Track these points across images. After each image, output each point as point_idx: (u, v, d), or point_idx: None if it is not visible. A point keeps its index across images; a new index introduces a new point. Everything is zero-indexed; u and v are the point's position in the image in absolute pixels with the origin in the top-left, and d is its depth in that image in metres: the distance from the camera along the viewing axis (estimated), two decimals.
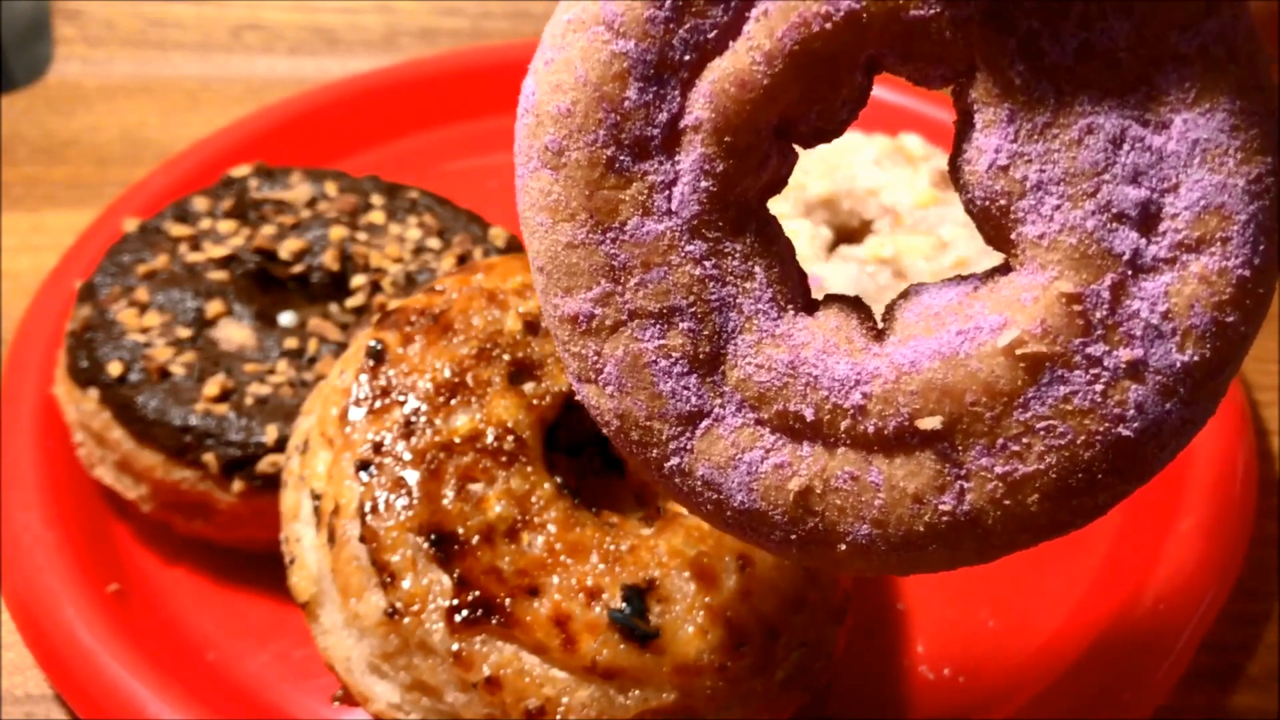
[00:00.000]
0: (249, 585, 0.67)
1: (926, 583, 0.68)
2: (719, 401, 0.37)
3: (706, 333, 0.36)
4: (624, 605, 0.50)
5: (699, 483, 0.37)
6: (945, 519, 0.36)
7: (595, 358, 0.37)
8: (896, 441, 0.36)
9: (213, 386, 0.64)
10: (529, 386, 0.54)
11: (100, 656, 0.60)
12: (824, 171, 0.75)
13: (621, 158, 0.35)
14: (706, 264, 0.36)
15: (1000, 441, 0.35)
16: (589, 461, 0.57)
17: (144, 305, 0.69)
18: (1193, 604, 0.63)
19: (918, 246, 0.71)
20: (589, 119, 0.35)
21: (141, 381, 0.65)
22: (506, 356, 0.55)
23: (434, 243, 0.73)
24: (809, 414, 0.36)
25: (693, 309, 0.36)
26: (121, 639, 0.61)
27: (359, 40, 1.12)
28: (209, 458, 0.63)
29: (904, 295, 0.38)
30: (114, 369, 0.65)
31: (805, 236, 0.71)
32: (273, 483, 0.62)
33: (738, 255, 0.37)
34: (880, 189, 0.73)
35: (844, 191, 0.74)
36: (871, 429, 0.36)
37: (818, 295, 0.39)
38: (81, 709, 0.60)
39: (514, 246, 0.75)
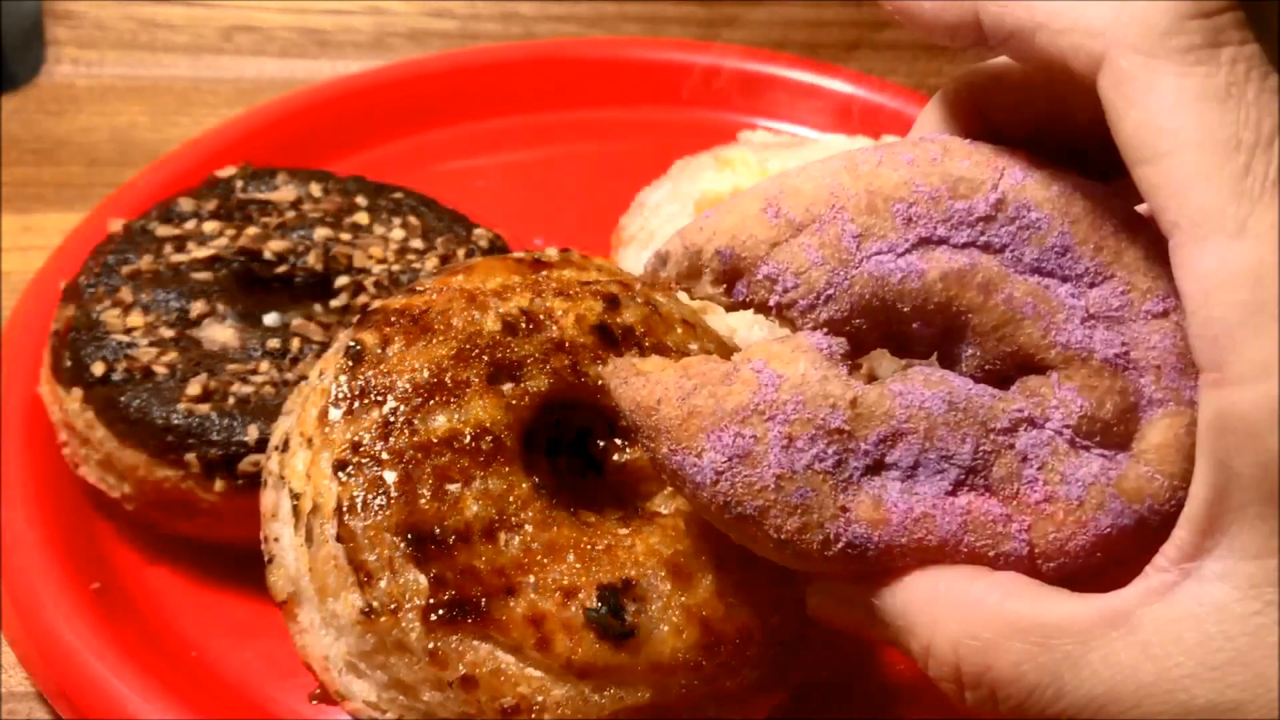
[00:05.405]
0: (232, 584, 0.67)
1: None
2: None
3: None
4: (600, 604, 0.50)
5: None
6: None
7: None
8: None
9: (195, 386, 0.65)
10: (507, 387, 0.54)
11: (82, 654, 0.60)
12: None
13: None
14: None
15: None
16: (567, 462, 0.58)
17: (128, 305, 0.69)
18: None
19: None
20: None
21: (124, 381, 0.65)
22: (485, 357, 0.55)
23: (418, 243, 0.73)
24: None
25: None
26: (104, 637, 0.61)
27: (349, 42, 1.12)
28: (191, 457, 0.63)
29: None
30: (97, 369, 0.66)
31: None
32: (254, 482, 0.62)
33: None
34: None
35: None
36: None
37: None
38: (63, 707, 0.61)
39: (497, 247, 0.75)
